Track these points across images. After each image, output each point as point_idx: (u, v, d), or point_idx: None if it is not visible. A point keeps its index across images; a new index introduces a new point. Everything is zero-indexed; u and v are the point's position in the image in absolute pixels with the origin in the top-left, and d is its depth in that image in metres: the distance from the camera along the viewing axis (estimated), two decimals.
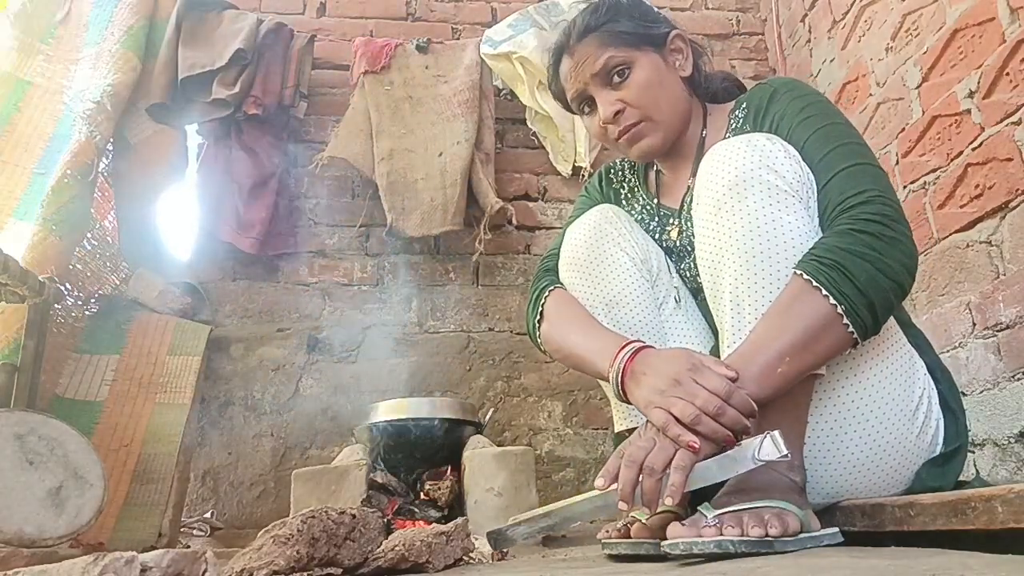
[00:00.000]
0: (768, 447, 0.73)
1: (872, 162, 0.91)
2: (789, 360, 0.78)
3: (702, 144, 1.11)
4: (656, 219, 1.16)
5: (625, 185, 1.25)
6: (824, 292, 0.79)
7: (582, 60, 1.08)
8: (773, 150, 0.87)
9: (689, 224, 1.08)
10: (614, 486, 0.77)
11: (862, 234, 0.81)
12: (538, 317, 1.10)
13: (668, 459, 0.74)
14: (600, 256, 1.07)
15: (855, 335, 0.80)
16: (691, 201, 1.06)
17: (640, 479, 0.75)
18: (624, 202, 1.23)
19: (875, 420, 0.87)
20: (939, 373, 0.97)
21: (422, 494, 1.66)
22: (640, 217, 1.19)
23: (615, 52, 1.06)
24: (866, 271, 0.79)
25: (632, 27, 1.08)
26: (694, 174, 1.07)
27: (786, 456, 0.73)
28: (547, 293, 1.10)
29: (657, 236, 1.15)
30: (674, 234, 1.13)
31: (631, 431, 1.05)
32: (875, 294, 0.79)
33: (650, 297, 1.08)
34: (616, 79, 1.07)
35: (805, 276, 0.80)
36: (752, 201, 0.84)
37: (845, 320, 0.79)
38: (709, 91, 1.16)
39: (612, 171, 1.28)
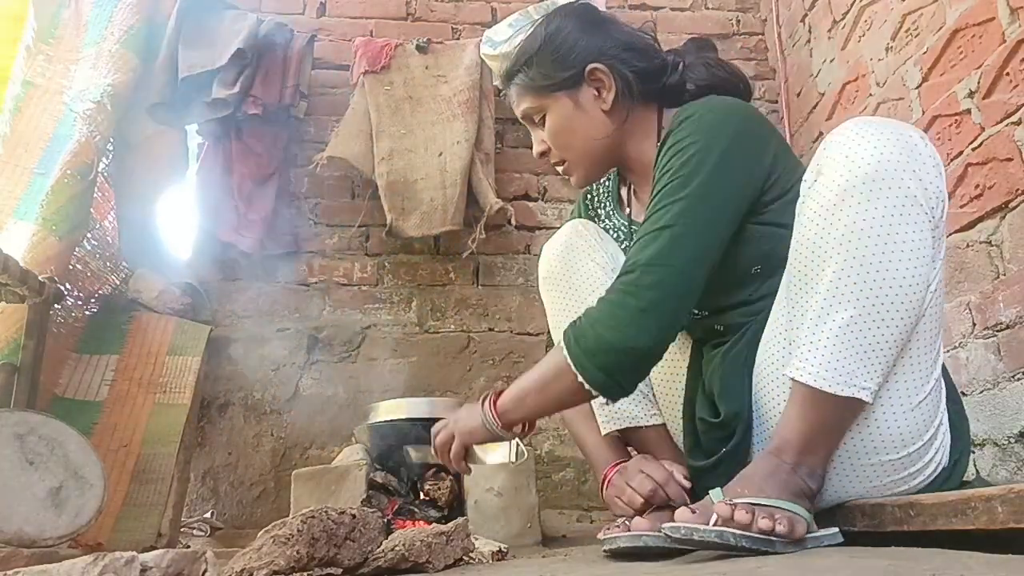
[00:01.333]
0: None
1: (680, 225, 0.89)
2: (533, 397, 0.96)
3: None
4: (630, 239, 1.17)
5: (602, 204, 1.26)
6: (564, 351, 0.90)
7: (511, 103, 1.17)
8: (924, 154, 0.80)
9: None
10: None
11: (608, 303, 0.89)
12: None
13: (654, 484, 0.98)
14: (572, 268, 1.13)
15: (587, 387, 0.89)
16: None
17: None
18: (606, 221, 1.24)
19: (897, 445, 0.85)
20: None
21: (422, 494, 1.66)
22: (616, 236, 1.20)
23: (530, 102, 1.12)
24: (598, 336, 0.88)
25: (541, 77, 1.09)
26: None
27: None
28: None
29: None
30: None
31: (622, 431, 1.12)
32: (605, 356, 0.88)
33: None
34: (537, 120, 1.13)
35: (562, 333, 0.92)
36: (883, 204, 0.78)
37: (578, 378, 0.89)
38: (671, 97, 1.10)
39: (590, 193, 1.29)
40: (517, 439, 1.05)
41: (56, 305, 1.79)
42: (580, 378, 0.89)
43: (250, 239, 2.29)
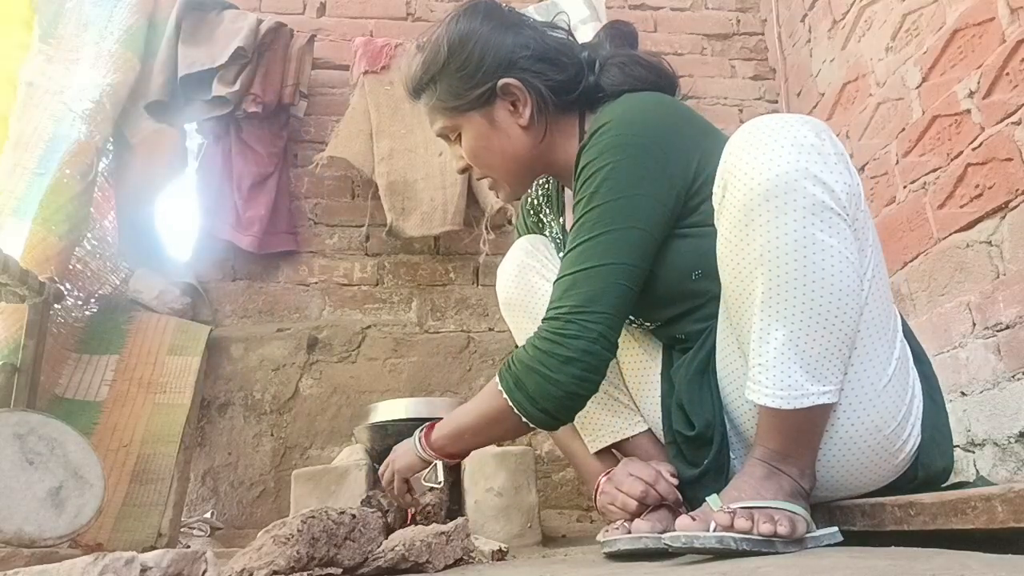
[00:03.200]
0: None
1: (598, 261, 0.89)
2: (472, 434, 1.03)
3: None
4: (563, 248, 1.14)
5: (541, 208, 1.24)
6: (504, 395, 0.94)
7: (425, 117, 1.11)
8: (823, 152, 0.77)
9: None
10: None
11: (537, 351, 0.91)
12: None
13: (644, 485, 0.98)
14: (529, 291, 1.12)
15: (531, 425, 0.95)
16: None
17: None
18: (547, 228, 1.23)
19: (871, 430, 0.85)
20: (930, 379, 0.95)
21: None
22: (555, 244, 1.19)
23: (442, 122, 1.07)
24: (535, 382, 0.91)
25: (450, 98, 1.03)
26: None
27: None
28: None
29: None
30: None
31: (613, 445, 1.12)
32: (545, 401, 0.91)
33: None
34: (453, 138, 1.09)
35: (497, 376, 0.96)
36: (791, 219, 0.75)
37: (522, 418, 0.94)
38: (590, 98, 1.05)
39: (527, 201, 1.26)
40: (442, 460, 1.12)
41: (56, 305, 1.79)
42: (524, 419, 0.94)
43: (250, 238, 2.29)
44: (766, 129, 0.79)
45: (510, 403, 0.94)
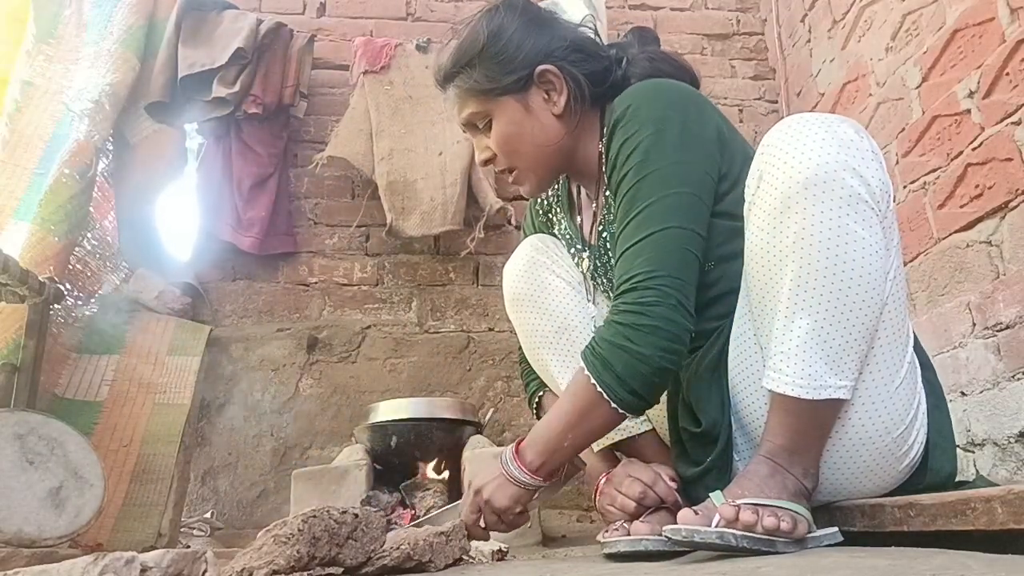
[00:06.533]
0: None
1: (660, 225, 0.88)
2: (571, 436, 0.93)
3: (601, 158, 1.06)
4: (575, 246, 1.16)
5: (551, 208, 1.24)
6: (592, 380, 0.89)
7: (451, 106, 1.10)
8: (861, 148, 0.80)
9: (598, 259, 1.09)
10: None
11: (620, 326, 0.87)
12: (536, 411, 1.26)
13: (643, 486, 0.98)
14: (539, 287, 1.12)
15: (622, 411, 0.89)
16: (601, 231, 1.07)
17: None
18: (558, 226, 1.23)
19: (881, 432, 0.85)
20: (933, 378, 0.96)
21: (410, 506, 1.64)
22: (567, 244, 1.19)
23: (474, 107, 1.05)
24: (623, 361, 0.87)
25: (486, 81, 1.02)
26: (598, 195, 1.08)
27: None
28: (539, 398, 1.23)
29: (576, 263, 1.16)
30: (584, 265, 1.13)
31: (616, 444, 1.12)
32: (634, 381, 0.87)
33: (592, 316, 1.12)
34: (481, 126, 1.07)
35: (583, 363, 0.91)
36: (828, 207, 0.77)
37: (612, 404, 0.88)
38: (614, 94, 1.05)
39: (536, 201, 1.26)
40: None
41: (56, 305, 1.79)
42: (613, 404, 0.88)
43: (250, 239, 2.29)
44: (806, 124, 0.81)
45: (599, 389, 0.88)
